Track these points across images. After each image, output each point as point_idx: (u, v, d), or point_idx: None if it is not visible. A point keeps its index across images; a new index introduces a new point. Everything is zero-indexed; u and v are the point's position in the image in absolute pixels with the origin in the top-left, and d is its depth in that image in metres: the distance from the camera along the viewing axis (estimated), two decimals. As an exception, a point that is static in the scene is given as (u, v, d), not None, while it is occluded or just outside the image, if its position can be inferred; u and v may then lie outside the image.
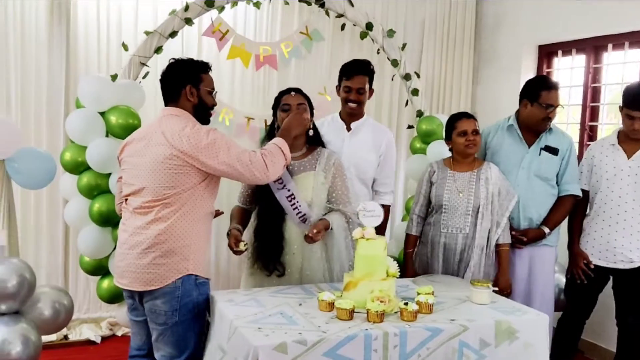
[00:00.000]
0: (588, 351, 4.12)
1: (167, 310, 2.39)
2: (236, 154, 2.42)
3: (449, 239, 3.15)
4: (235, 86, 4.60)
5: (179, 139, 2.37)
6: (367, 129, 3.38)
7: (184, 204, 2.40)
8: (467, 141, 3.14)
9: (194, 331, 2.44)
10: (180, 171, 2.38)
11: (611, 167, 3.22)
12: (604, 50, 4.33)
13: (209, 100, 2.58)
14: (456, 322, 2.28)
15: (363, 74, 3.26)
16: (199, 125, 2.47)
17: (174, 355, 2.43)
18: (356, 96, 3.27)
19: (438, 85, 5.09)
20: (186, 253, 2.40)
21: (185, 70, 2.55)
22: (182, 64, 2.57)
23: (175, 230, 2.39)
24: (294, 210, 2.78)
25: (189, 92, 2.51)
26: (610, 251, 3.21)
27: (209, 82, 2.59)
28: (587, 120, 4.42)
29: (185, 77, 2.53)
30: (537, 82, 3.33)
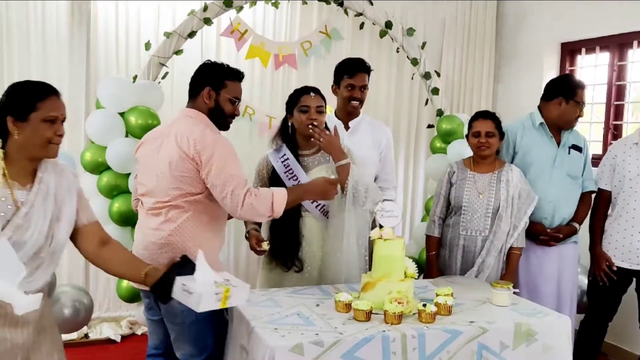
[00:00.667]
0: (612, 354, 4.05)
1: (183, 309, 2.37)
2: (226, 177, 2.33)
3: (468, 242, 3.11)
4: (254, 86, 4.60)
5: (186, 143, 2.35)
6: (365, 127, 3.34)
7: (192, 206, 2.39)
8: (479, 143, 3.09)
9: (212, 330, 2.43)
10: (187, 174, 2.36)
11: (634, 166, 3.15)
12: (629, 47, 4.24)
13: (227, 107, 2.52)
14: (475, 324, 2.25)
15: (364, 72, 3.23)
16: (209, 131, 2.40)
17: (194, 354, 2.43)
18: (360, 94, 3.23)
19: (458, 84, 5.04)
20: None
21: (210, 72, 2.52)
22: (210, 66, 2.55)
23: (185, 231, 2.39)
24: (312, 203, 2.79)
25: (206, 94, 2.48)
26: (633, 252, 3.14)
27: (234, 89, 2.52)
28: (611, 118, 4.33)
29: (207, 79, 2.50)
30: (572, 80, 3.32)
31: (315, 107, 2.82)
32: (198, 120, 2.46)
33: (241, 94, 2.57)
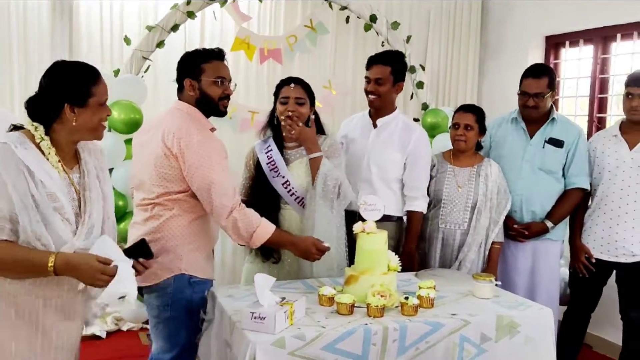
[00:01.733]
0: (596, 345, 4.09)
1: (159, 305, 2.40)
2: (211, 183, 2.28)
3: (447, 235, 3.12)
4: (239, 80, 4.58)
5: (171, 140, 2.29)
6: (394, 126, 3.12)
7: (177, 204, 2.36)
8: (456, 135, 3.10)
9: (187, 328, 2.42)
10: (170, 172, 2.32)
11: (613, 158, 3.17)
12: (613, 40, 4.27)
13: (213, 91, 2.41)
14: (457, 316, 2.25)
15: (384, 64, 3.02)
16: (195, 130, 2.32)
17: (166, 349, 2.44)
18: (374, 87, 3.04)
19: (443, 77, 5.05)
20: (179, 252, 2.37)
21: (185, 62, 2.45)
22: (184, 57, 2.47)
23: (167, 229, 2.36)
24: (292, 196, 2.77)
25: (188, 86, 2.40)
26: (612, 244, 3.16)
27: (213, 70, 2.40)
28: (595, 111, 4.36)
29: (184, 71, 2.43)
30: (526, 70, 3.27)
31: (294, 99, 2.77)
32: (187, 116, 2.39)
33: (226, 71, 2.46)
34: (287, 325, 2.07)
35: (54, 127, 1.89)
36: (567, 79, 4.68)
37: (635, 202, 3.10)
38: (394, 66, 3.05)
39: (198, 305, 2.44)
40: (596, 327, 3.81)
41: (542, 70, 3.19)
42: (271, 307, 2.06)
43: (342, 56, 4.82)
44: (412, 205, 3.09)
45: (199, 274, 2.43)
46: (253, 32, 4.39)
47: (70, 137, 1.92)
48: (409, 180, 3.10)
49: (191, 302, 2.41)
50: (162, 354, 2.45)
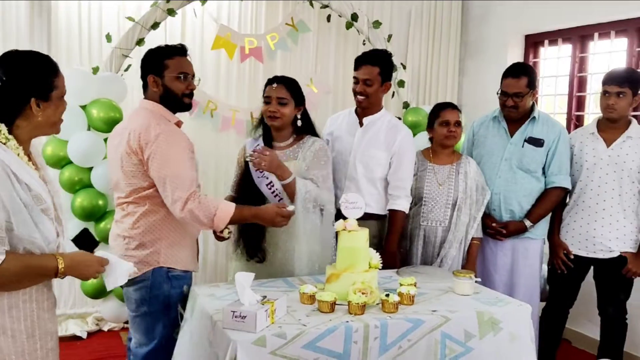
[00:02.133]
0: (574, 340, 4.14)
1: (137, 298, 2.44)
2: (166, 175, 2.29)
3: (428, 232, 3.15)
4: (220, 78, 4.57)
5: (133, 137, 2.33)
6: (381, 125, 3.14)
7: (148, 200, 2.39)
8: (449, 132, 3.13)
9: (164, 323, 2.45)
10: (134, 169, 2.36)
11: (591, 156, 3.21)
12: (590, 39, 4.32)
13: (176, 86, 2.43)
14: (437, 313, 2.27)
15: (372, 64, 3.03)
16: (155, 124, 2.34)
17: (143, 343, 2.48)
18: (362, 88, 3.06)
19: (424, 76, 5.07)
20: (157, 247, 2.41)
21: (147, 59, 2.48)
22: (147, 54, 2.50)
23: (142, 225, 2.40)
24: (275, 197, 2.78)
25: (152, 82, 2.43)
26: (590, 241, 3.20)
27: (176, 66, 2.43)
28: (573, 109, 4.41)
29: (147, 67, 2.47)
30: (506, 69, 3.29)
31: (276, 99, 2.77)
32: (150, 113, 2.42)
33: (189, 67, 2.48)
34: (268, 323, 2.07)
35: (16, 124, 1.79)
36: (546, 78, 4.72)
37: (612, 199, 3.14)
38: (382, 66, 3.06)
39: (176, 300, 2.47)
40: (575, 322, 3.87)
41: (521, 70, 3.21)
42: (252, 306, 2.07)
43: (324, 55, 4.82)
44: (394, 205, 3.10)
45: (178, 266, 2.47)
46: (234, 30, 4.37)
47: (32, 134, 1.84)
48: (393, 180, 3.11)
49: (169, 297, 2.45)
50: (140, 347, 2.49)
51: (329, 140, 3.26)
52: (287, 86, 2.81)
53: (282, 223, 2.53)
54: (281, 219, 2.50)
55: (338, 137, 3.21)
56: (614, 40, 4.13)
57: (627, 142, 3.14)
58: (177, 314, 2.47)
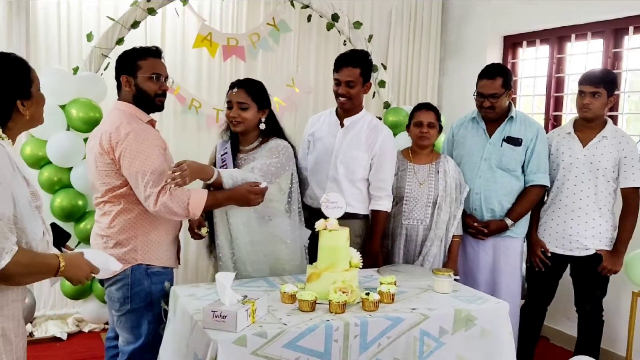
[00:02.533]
0: (552, 337, 4.20)
1: (120, 297, 2.47)
2: (137, 171, 2.34)
3: (410, 231, 3.18)
4: (202, 77, 4.55)
5: (105, 137, 2.39)
6: (362, 126, 3.14)
7: (123, 199, 2.43)
8: (421, 133, 3.17)
9: (148, 319, 2.49)
10: (107, 169, 2.41)
11: (567, 155, 3.26)
12: (567, 40, 4.38)
13: (149, 87, 2.48)
14: (417, 311, 2.30)
15: (353, 66, 3.03)
16: (126, 123, 2.39)
17: (130, 341, 2.51)
18: (345, 90, 3.05)
19: (405, 77, 5.10)
20: (133, 244, 2.45)
21: (121, 60, 2.52)
22: (121, 55, 2.54)
23: (118, 223, 2.45)
24: None
25: (125, 82, 2.48)
26: (567, 239, 3.26)
27: (149, 67, 2.48)
28: (551, 109, 4.47)
29: (120, 68, 2.51)
30: (481, 70, 3.32)
31: (236, 103, 2.71)
32: (122, 113, 2.46)
33: (163, 68, 2.53)
34: (248, 323, 2.08)
35: (7, 126, 1.83)
36: (524, 78, 4.79)
37: (588, 198, 3.20)
38: (363, 67, 3.07)
39: (158, 296, 2.50)
40: (553, 319, 3.93)
41: (496, 71, 3.25)
42: (233, 306, 2.07)
43: (305, 54, 4.83)
44: (376, 205, 3.13)
45: (157, 262, 2.50)
46: (215, 29, 4.37)
47: (20, 131, 1.89)
48: (374, 180, 3.13)
49: (150, 294, 2.48)
50: (127, 345, 2.52)
51: (309, 141, 3.27)
52: (248, 90, 2.74)
53: (257, 200, 2.55)
54: (254, 196, 2.53)
55: (319, 137, 3.22)
56: (591, 42, 4.20)
57: (602, 142, 3.19)
58: (160, 310, 2.50)
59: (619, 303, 3.65)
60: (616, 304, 3.65)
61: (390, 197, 3.16)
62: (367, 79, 3.12)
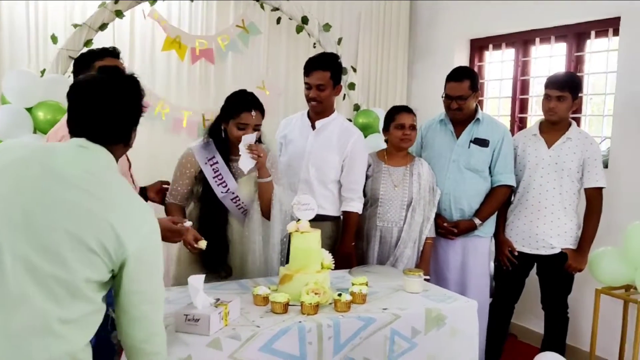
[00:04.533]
0: (520, 334, 4.29)
1: None
2: None
3: (384, 233, 3.21)
4: (171, 80, 4.53)
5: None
6: (333, 128, 3.17)
7: None
8: (404, 135, 3.19)
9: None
10: None
11: (533, 156, 3.33)
12: (532, 44, 4.48)
13: None
14: (388, 311, 2.33)
15: (323, 69, 3.05)
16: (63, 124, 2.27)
17: None
18: (316, 93, 3.08)
19: (374, 79, 5.15)
20: None
21: (78, 61, 2.46)
22: (78, 56, 2.50)
23: None
24: (239, 209, 2.79)
25: None
26: (533, 238, 3.33)
27: None
28: (516, 112, 4.57)
29: (77, 69, 2.44)
30: (449, 73, 3.39)
31: (253, 126, 2.68)
32: None
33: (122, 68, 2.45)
34: (221, 326, 2.08)
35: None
36: (490, 81, 4.88)
37: (554, 198, 3.27)
38: (332, 70, 3.09)
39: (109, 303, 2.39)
40: (520, 317, 4.01)
41: (464, 74, 3.32)
42: (205, 309, 2.07)
43: (275, 57, 4.84)
44: (348, 206, 3.16)
45: None
46: (184, 32, 4.35)
47: None
48: (346, 182, 3.17)
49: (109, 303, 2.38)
50: None
51: (282, 144, 3.29)
52: (262, 111, 2.74)
53: (173, 239, 2.36)
54: (171, 234, 2.31)
55: (291, 140, 3.24)
56: (554, 45, 4.30)
57: (567, 144, 3.27)
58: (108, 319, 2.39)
59: (583, 300, 3.74)
60: (580, 301, 3.74)
61: (361, 199, 3.19)
62: (338, 81, 3.14)
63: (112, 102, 1.61)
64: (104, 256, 1.50)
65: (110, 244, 1.50)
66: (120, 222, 1.52)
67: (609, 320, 3.66)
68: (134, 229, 1.54)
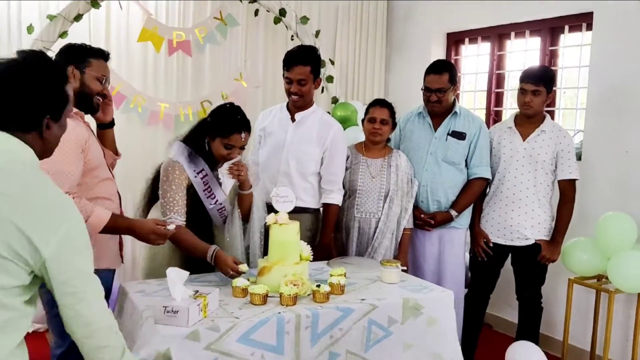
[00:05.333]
0: (495, 324, 4.36)
1: (48, 301, 2.35)
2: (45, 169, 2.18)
3: (362, 223, 3.24)
4: (147, 72, 4.48)
5: None
6: (313, 120, 3.19)
7: None
8: (373, 129, 3.23)
9: None
10: None
11: (508, 149, 3.38)
12: (507, 38, 4.54)
13: (95, 86, 2.40)
14: (366, 301, 2.36)
15: (304, 64, 3.06)
16: None
17: (59, 344, 2.40)
18: (297, 88, 3.09)
19: (352, 72, 5.17)
20: None
21: (72, 51, 2.40)
22: (71, 46, 2.43)
23: None
24: (221, 217, 2.79)
25: (70, 73, 2.34)
26: (508, 229, 3.39)
27: (100, 68, 2.41)
28: (492, 105, 4.62)
29: (69, 58, 2.38)
30: (429, 66, 3.43)
31: (239, 147, 2.65)
32: None
33: (108, 73, 2.46)
34: (200, 318, 2.09)
35: None
36: (466, 74, 4.93)
37: (528, 189, 3.33)
38: (313, 64, 3.10)
39: None
40: (495, 307, 4.08)
41: (443, 67, 3.36)
42: (184, 301, 2.07)
43: (253, 49, 4.82)
44: (328, 198, 3.18)
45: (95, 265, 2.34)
46: (161, 23, 4.31)
47: None
48: (326, 174, 3.19)
49: None
50: (56, 348, 2.42)
51: (261, 136, 3.29)
52: (249, 129, 2.69)
53: (157, 242, 2.35)
54: (156, 236, 2.32)
55: (270, 132, 3.25)
56: (529, 40, 4.36)
57: (541, 136, 3.33)
58: None
59: (557, 290, 3.82)
60: (554, 291, 3.82)
61: (341, 191, 3.22)
62: (317, 75, 3.16)
63: (14, 84, 1.47)
64: (19, 261, 1.40)
65: (23, 249, 1.39)
66: (31, 224, 1.39)
67: (582, 310, 3.75)
68: (49, 231, 1.41)
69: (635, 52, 3.54)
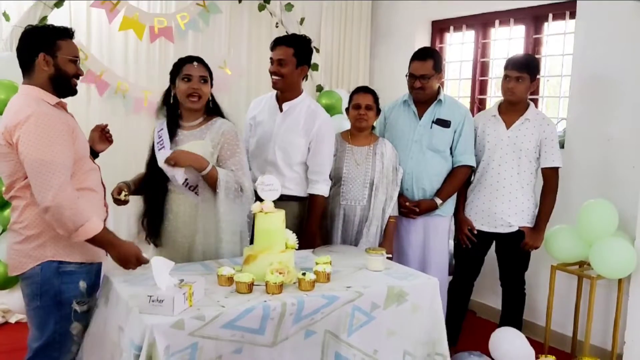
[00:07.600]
0: (479, 310, 4.40)
1: (29, 293, 2.33)
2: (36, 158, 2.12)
3: (347, 211, 3.24)
4: (129, 59, 4.43)
5: (4, 121, 2.19)
6: (300, 111, 3.15)
7: (27, 191, 2.22)
8: (359, 115, 3.23)
9: (55, 318, 2.32)
10: (6, 159, 2.21)
11: (492, 137, 3.40)
12: (492, 26, 4.55)
13: (69, 68, 2.30)
14: (352, 289, 2.36)
15: (287, 45, 3.05)
16: (26, 107, 2.18)
17: (37, 337, 2.36)
18: (276, 68, 3.06)
19: (337, 60, 5.15)
20: (42, 239, 2.26)
21: (38, 37, 2.28)
22: (34, 31, 2.30)
23: (25, 218, 2.26)
24: (189, 188, 2.75)
25: (42, 61, 2.25)
26: (492, 217, 3.41)
27: (69, 49, 2.30)
28: (476, 93, 4.64)
29: (37, 45, 2.26)
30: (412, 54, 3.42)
31: (198, 77, 2.73)
32: (27, 96, 2.24)
33: (78, 51, 2.37)
34: (186, 306, 2.08)
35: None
36: (451, 62, 4.93)
37: (512, 177, 3.35)
38: (296, 48, 3.07)
39: (69, 296, 2.33)
40: (479, 294, 4.11)
41: (428, 54, 3.36)
42: (169, 290, 2.06)
43: (237, 36, 4.79)
44: (314, 189, 3.17)
45: (70, 258, 2.31)
46: (142, 10, 4.25)
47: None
48: (312, 165, 3.17)
49: (60, 293, 2.31)
50: (33, 341, 2.38)
51: (251, 125, 3.27)
52: (205, 65, 2.80)
53: (132, 267, 2.37)
54: (135, 262, 2.35)
55: (260, 122, 3.23)
56: (513, 28, 4.37)
57: (525, 124, 3.35)
58: (71, 311, 2.34)
59: (540, 277, 3.86)
60: (537, 277, 3.86)
61: (327, 182, 3.20)
62: (303, 61, 3.12)
63: None
64: None
65: None
66: None
67: (564, 296, 3.80)
68: None
69: (617, 40, 3.57)
